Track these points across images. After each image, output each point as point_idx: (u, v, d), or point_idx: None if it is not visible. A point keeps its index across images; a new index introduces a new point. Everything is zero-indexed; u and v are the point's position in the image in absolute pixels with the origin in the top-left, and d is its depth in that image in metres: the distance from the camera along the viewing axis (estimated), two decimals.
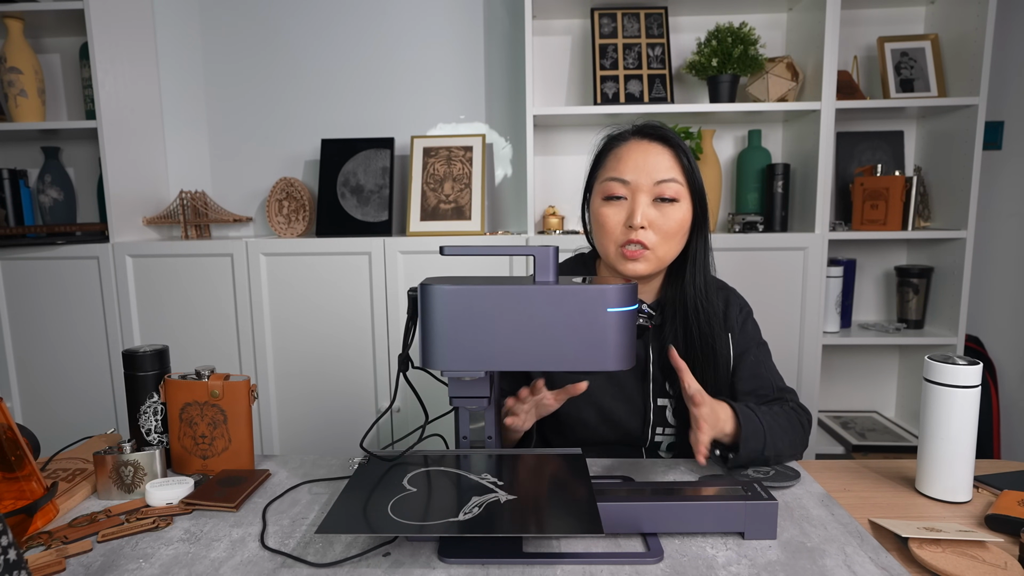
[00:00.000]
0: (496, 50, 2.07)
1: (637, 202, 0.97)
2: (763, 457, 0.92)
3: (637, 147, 1.00)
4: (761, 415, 0.94)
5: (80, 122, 1.89)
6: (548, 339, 0.75)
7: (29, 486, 0.80)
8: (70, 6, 1.84)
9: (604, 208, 1.00)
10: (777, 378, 1.07)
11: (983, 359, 2.07)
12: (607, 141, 1.05)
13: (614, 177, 0.99)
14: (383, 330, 1.85)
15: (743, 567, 0.69)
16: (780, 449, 0.94)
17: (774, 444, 0.93)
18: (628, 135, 1.02)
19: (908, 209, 1.87)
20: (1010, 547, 0.74)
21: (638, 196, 0.97)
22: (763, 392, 1.04)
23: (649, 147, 0.99)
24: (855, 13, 2.00)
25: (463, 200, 1.97)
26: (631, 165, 0.98)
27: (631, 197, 0.98)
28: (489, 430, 0.90)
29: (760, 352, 1.08)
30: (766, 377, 1.05)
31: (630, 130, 1.03)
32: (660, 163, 0.98)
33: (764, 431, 0.92)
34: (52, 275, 1.89)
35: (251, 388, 0.97)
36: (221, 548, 0.75)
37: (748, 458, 0.92)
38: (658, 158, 0.98)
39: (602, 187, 1.01)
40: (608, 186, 1.00)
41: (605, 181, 1.00)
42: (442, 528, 0.67)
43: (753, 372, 1.05)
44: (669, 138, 1.00)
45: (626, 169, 0.98)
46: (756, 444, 0.91)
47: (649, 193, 0.97)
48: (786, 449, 0.95)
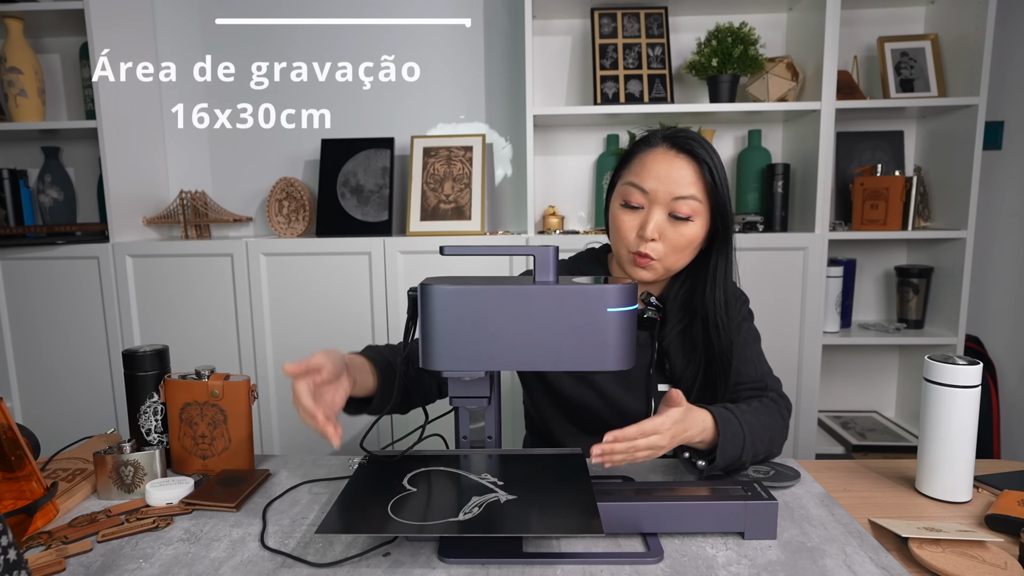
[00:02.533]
0: (496, 50, 2.07)
1: (652, 214, 0.97)
2: (740, 462, 0.91)
3: (663, 157, 0.98)
4: (741, 416, 0.92)
5: (80, 122, 1.89)
6: (548, 339, 0.75)
7: (29, 486, 0.80)
8: (70, 6, 1.84)
9: (621, 213, 1.01)
10: (764, 366, 1.08)
11: (983, 359, 2.07)
12: (636, 143, 1.05)
13: (634, 183, 0.99)
14: (383, 330, 1.85)
15: (743, 567, 0.69)
16: (759, 450, 0.93)
17: (753, 446, 0.91)
18: (657, 141, 1.01)
19: (908, 209, 1.87)
20: (1010, 547, 0.74)
21: (654, 208, 0.98)
22: (747, 373, 1.05)
23: (674, 159, 0.98)
24: (855, 13, 2.00)
25: (463, 200, 1.97)
26: (652, 175, 0.98)
27: (647, 207, 0.98)
28: (489, 430, 0.90)
29: (749, 336, 1.09)
30: (753, 361, 1.06)
31: (660, 135, 1.01)
32: (682, 178, 0.97)
33: (744, 436, 0.90)
34: (52, 275, 1.89)
35: (251, 388, 0.97)
36: (221, 548, 0.75)
37: (724, 467, 0.90)
38: (681, 172, 0.97)
39: (622, 190, 1.01)
40: (627, 191, 1.00)
41: (626, 185, 1.01)
42: (442, 528, 0.67)
43: (743, 355, 1.05)
44: (696, 152, 0.98)
45: (647, 178, 0.98)
46: (734, 451, 0.89)
47: (665, 207, 0.97)
48: (764, 448, 0.94)
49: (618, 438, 0.78)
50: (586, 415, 1.09)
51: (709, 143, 1.00)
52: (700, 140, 0.99)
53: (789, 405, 1.04)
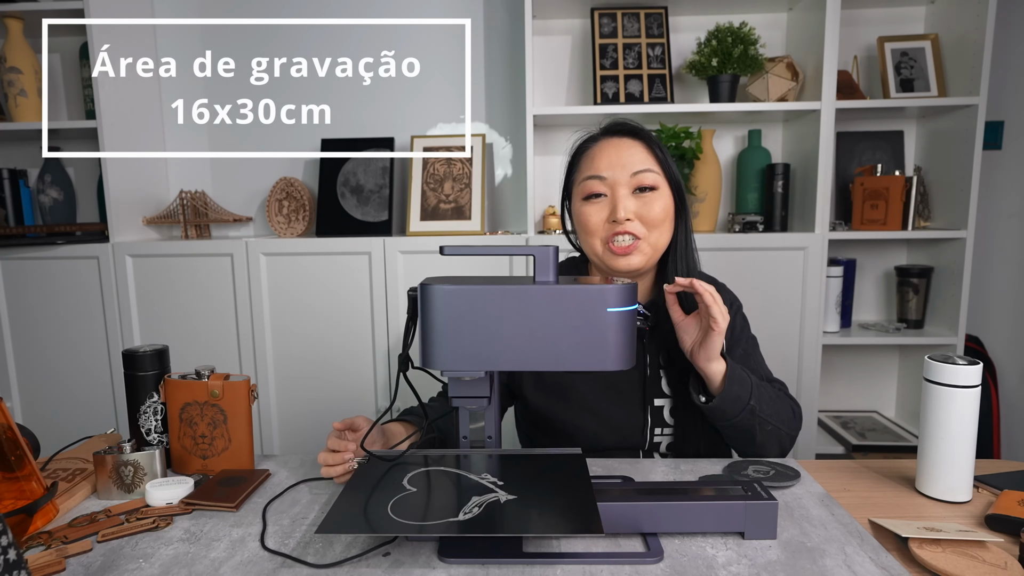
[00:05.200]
0: (496, 50, 2.07)
1: (618, 195, 0.98)
2: (748, 407, 0.92)
3: (609, 144, 1.01)
4: (750, 374, 0.96)
5: (80, 122, 1.89)
6: (548, 339, 0.75)
7: (29, 486, 0.80)
8: (70, 6, 1.84)
9: (585, 207, 1.01)
10: (765, 371, 1.08)
11: (983, 359, 2.07)
12: (578, 145, 1.06)
13: (591, 176, 1.00)
14: (383, 330, 1.85)
15: (743, 567, 0.69)
16: (765, 411, 0.94)
17: (759, 400, 0.93)
18: (598, 136, 1.04)
19: (908, 209, 1.87)
20: (1010, 547, 0.74)
21: (618, 190, 0.98)
22: None
23: (620, 142, 1.00)
24: (855, 13, 2.00)
25: (463, 200, 1.97)
26: (606, 162, 0.99)
27: (611, 193, 0.99)
28: (489, 430, 0.90)
29: (749, 345, 1.08)
30: (755, 369, 1.06)
31: (599, 131, 1.04)
32: (634, 156, 0.99)
33: (752, 383, 0.93)
34: (52, 275, 1.89)
35: (251, 388, 0.97)
36: (221, 548, 0.75)
37: (732, 405, 0.92)
38: (631, 151, 0.99)
39: (580, 188, 1.02)
40: (587, 185, 1.00)
41: (583, 182, 1.01)
42: (442, 528, 0.67)
43: (742, 364, 1.05)
44: (639, 132, 1.01)
45: (601, 166, 0.99)
46: (742, 391, 0.92)
47: (628, 186, 0.98)
48: (772, 416, 0.95)
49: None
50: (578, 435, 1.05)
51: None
52: (638, 123, 1.03)
53: (799, 409, 1.04)
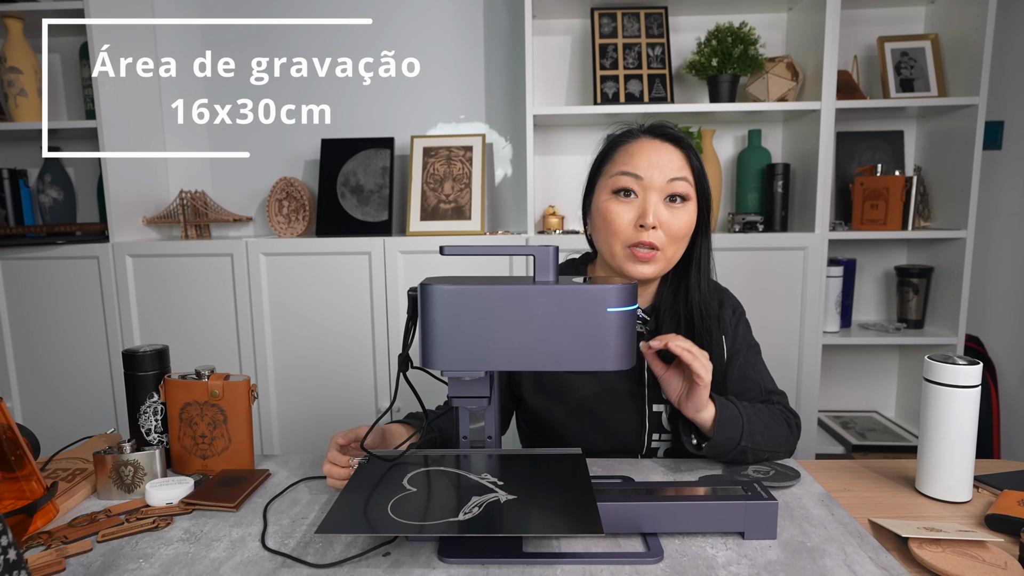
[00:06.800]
0: (496, 50, 2.07)
1: (649, 200, 0.95)
2: (740, 447, 0.92)
3: (649, 145, 0.98)
4: (741, 407, 0.94)
5: (80, 122, 1.89)
6: (548, 339, 0.75)
7: (29, 486, 0.80)
8: (70, 6, 1.84)
9: (613, 204, 0.97)
10: (767, 380, 1.07)
11: (983, 359, 2.07)
12: (615, 138, 1.03)
13: (626, 171, 0.96)
14: (383, 330, 1.85)
15: (743, 567, 0.69)
16: (759, 443, 0.93)
17: (751, 436, 0.92)
18: (639, 133, 1.00)
19: (908, 209, 1.87)
20: (1010, 547, 0.74)
21: (650, 194, 0.95)
22: (751, 395, 1.03)
23: (661, 146, 0.98)
24: (855, 13, 2.00)
25: (463, 200, 1.97)
26: (644, 161, 0.96)
27: (642, 195, 0.96)
28: (489, 430, 0.90)
29: (750, 354, 1.07)
30: (754, 379, 1.05)
31: (640, 128, 1.01)
32: (672, 162, 0.96)
33: (743, 421, 0.92)
34: (52, 275, 1.89)
35: (251, 388, 0.97)
36: (221, 548, 0.75)
37: (724, 447, 0.91)
38: (670, 156, 0.97)
39: (611, 181, 0.98)
40: (619, 180, 0.96)
41: (615, 175, 0.97)
42: (442, 528, 0.67)
43: (741, 374, 1.04)
44: (680, 139, 0.99)
45: (639, 164, 0.96)
46: (733, 433, 0.91)
47: (661, 192, 0.95)
48: (766, 445, 0.94)
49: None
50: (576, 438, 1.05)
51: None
52: (680, 131, 1.01)
53: (798, 420, 1.03)
